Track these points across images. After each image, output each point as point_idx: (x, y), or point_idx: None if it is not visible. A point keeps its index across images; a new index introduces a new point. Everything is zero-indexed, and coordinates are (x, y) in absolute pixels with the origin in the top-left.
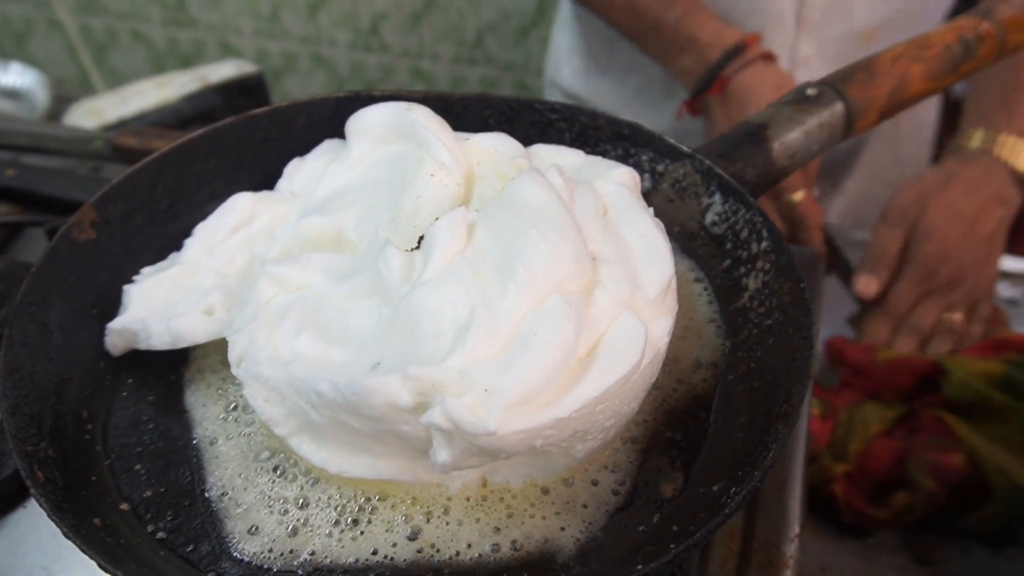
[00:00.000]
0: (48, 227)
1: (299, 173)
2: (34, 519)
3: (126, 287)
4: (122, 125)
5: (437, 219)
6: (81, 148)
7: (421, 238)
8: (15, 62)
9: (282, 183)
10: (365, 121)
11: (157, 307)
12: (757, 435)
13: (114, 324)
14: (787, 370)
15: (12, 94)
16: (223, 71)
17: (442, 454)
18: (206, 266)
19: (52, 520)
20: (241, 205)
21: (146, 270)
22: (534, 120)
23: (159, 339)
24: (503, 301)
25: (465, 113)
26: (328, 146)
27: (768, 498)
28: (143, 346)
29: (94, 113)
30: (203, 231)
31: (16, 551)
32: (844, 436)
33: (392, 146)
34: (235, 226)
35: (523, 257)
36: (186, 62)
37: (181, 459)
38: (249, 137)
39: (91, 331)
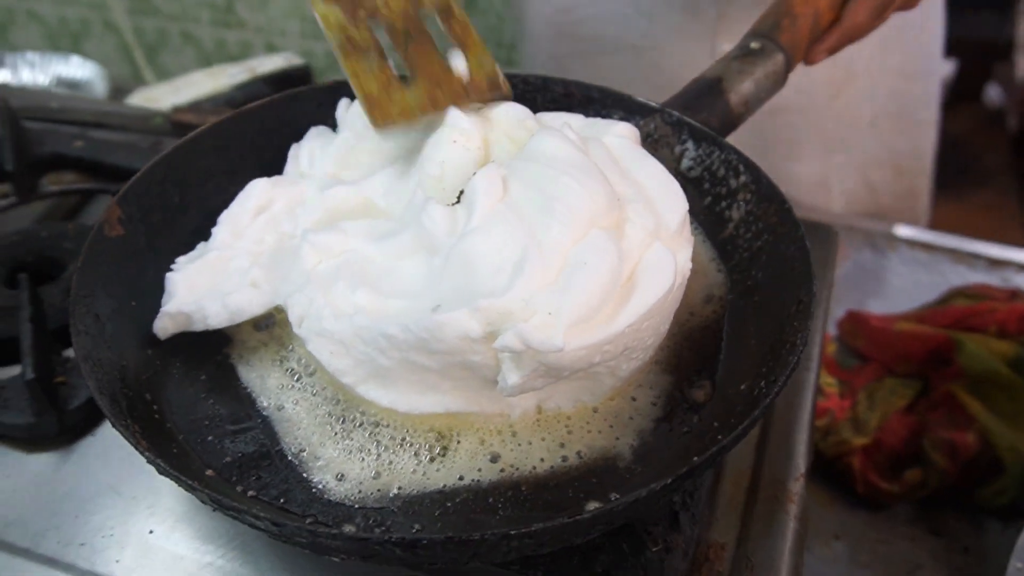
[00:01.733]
0: (113, 191)
1: (303, 155)
2: (102, 444)
3: (168, 275)
4: (178, 110)
5: (473, 175)
6: (142, 124)
7: (459, 196)
8: (75, 56)
9: (289, 167)
10: None
11: (204, 290)
12: (770, 338)
13: (168, 308)
14: (789, 278)
15: (72, 85)
16: (271, 63)
17: (511, 377)
18: (239, 248)
19: (173, 476)
20: (260, 189)
21: (181, 259)
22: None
23: (216, 318)
24: (549, 237)
25: None
26: (320, 130)
27: (776, 441)
28: (199, 327)
29: (150, 101)
30: (228, 217)
31: (87, 472)
32: (865, 411)
33: None
34: (257, 209)
35: (560, 199)
36: (233, 62)
37: (249, 427)
38: (247, 130)
39: (134, 321)
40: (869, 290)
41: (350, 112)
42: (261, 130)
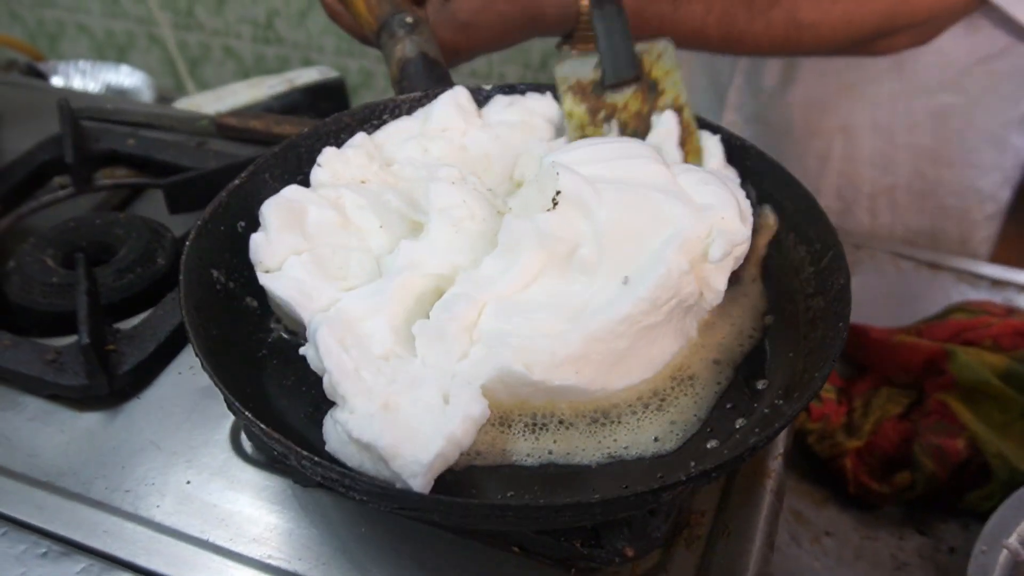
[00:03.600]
0: (162, 185)
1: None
2: (147, 405)
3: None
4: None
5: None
6: (189, 126)
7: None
8: (124, 65)
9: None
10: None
11: None
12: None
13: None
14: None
15: (120, 92)
16: (309, 75)
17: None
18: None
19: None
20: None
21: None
22: None
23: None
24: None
25: None
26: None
27: None
28: None
29: (193, 108)
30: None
31: (132, 429)
32: (860, 417)
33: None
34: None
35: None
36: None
37: None
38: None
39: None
40: (874, 305)
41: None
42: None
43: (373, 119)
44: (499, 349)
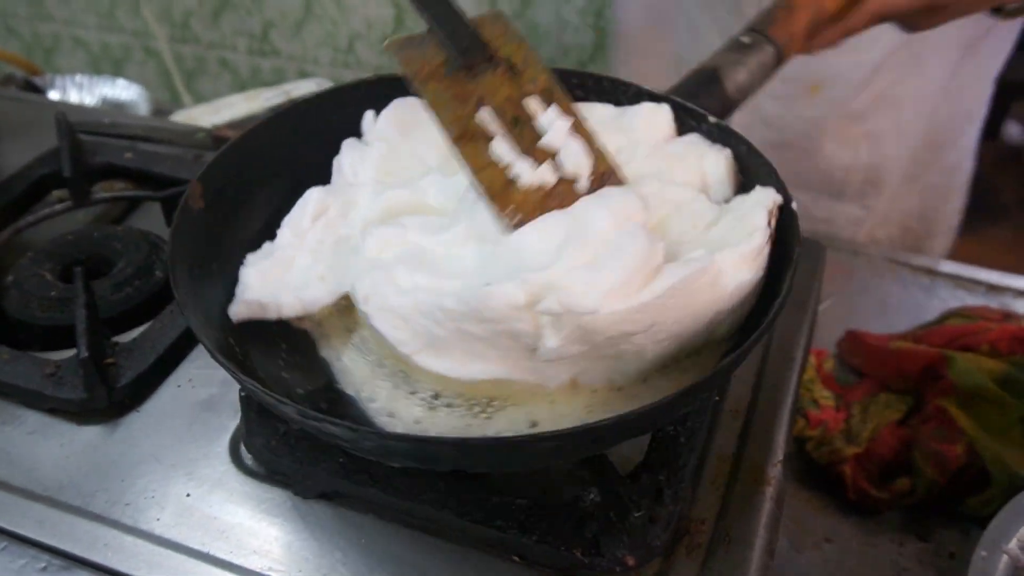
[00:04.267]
0: (159, 197)
1: (345, 166)
2: (146, 418)
3: (242, 270)
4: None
5: None
6: (186, 139)
7: None
8: (120, 79)
9: (335, 178)
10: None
11: (276, 283)
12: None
13: (245, 297)
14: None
15: (117, 105)
16: (305, 87)
17: (551, 340)
18: (302, 248)
19: (264, 398)
20: (316, 197)
21: (251, 257)
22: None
23: (290, 308)
24: (591, 227)
25: None
26: (351, 143)
27: (757, 431)
28: (272, 316)
29: (190, 121)
30: (290, 221)
31: (131, 442)
32: (859, 423)
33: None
34: (315, 214)
35: (606, 196)
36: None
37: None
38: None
39: (216, 289)
40: (870, 311)
41: (379, 124)
42: (298, 131)
43: None
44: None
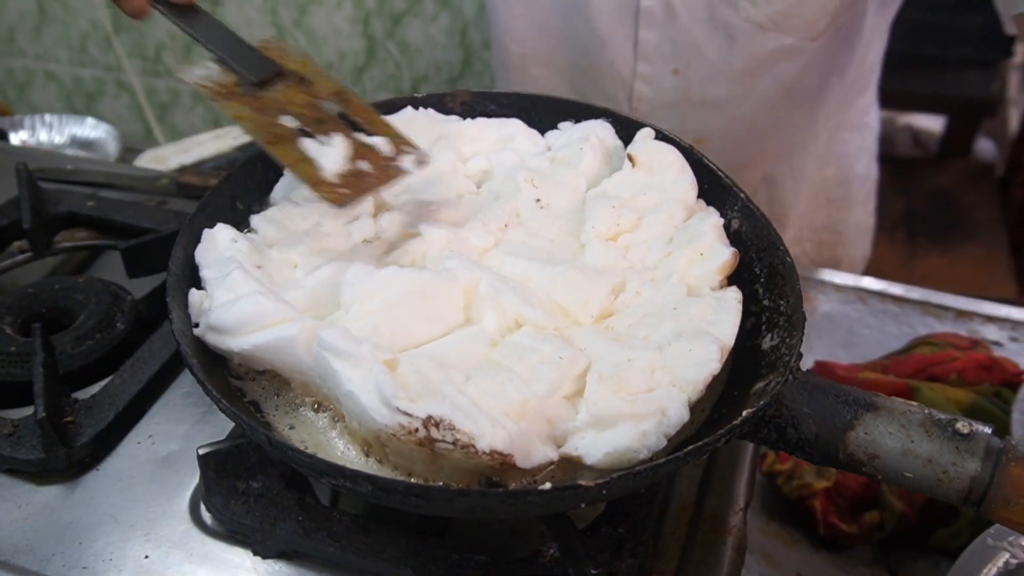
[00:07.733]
0: (122, 248)
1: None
2: (104, 478)
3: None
4: (183, 171)
5: None
6: (150, 185)
7: None
8: (89, 117)
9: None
10: None
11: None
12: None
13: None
14: None
15: (86, 144)
16: None
17: None
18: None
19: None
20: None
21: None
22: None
23: None
24: None
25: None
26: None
27: (717, 478)
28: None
29: (159, 161)
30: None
31: (89, 503)
32: None
33: None
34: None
35: None
36: None
37: None
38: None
39: None
40: (839, 341)
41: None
42: None
43: None
44: None
